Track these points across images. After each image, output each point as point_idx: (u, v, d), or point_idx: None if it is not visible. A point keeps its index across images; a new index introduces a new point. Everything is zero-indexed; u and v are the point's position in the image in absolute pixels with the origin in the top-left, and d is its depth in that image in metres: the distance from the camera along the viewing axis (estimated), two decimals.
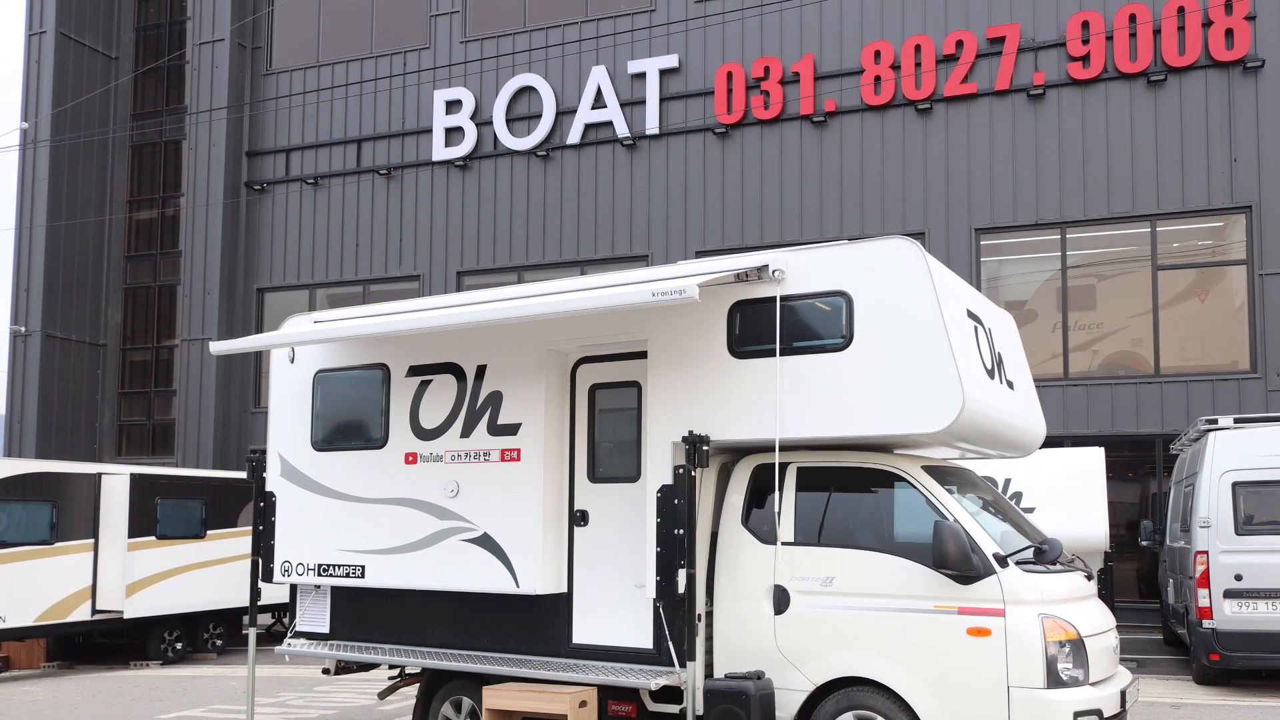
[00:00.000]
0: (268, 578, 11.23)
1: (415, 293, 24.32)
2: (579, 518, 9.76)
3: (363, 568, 10.45)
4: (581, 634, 9.61)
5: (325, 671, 11.18)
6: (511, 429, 9.80)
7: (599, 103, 22.97)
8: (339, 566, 10.63)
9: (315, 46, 25.66)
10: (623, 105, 22.75)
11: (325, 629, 10.92)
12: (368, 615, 10.68)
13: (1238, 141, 19.20)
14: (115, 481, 17.79)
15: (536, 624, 9.76)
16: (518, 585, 9.62)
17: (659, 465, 9.04)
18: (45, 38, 27.51)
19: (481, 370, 10.01)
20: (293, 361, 11.20)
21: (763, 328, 9.09)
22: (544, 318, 9.18)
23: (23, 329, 27.75)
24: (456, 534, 9.92)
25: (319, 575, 10.76)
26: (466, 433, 10.00)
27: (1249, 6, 19.28)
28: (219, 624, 19.25)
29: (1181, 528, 15.06)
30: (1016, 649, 7.68)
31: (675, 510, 8.90)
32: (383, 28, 25.09)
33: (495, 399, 9.92)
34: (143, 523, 17.77)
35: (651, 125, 22.61)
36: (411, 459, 10.20)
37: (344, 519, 10.63)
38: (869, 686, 8.25)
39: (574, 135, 23.07)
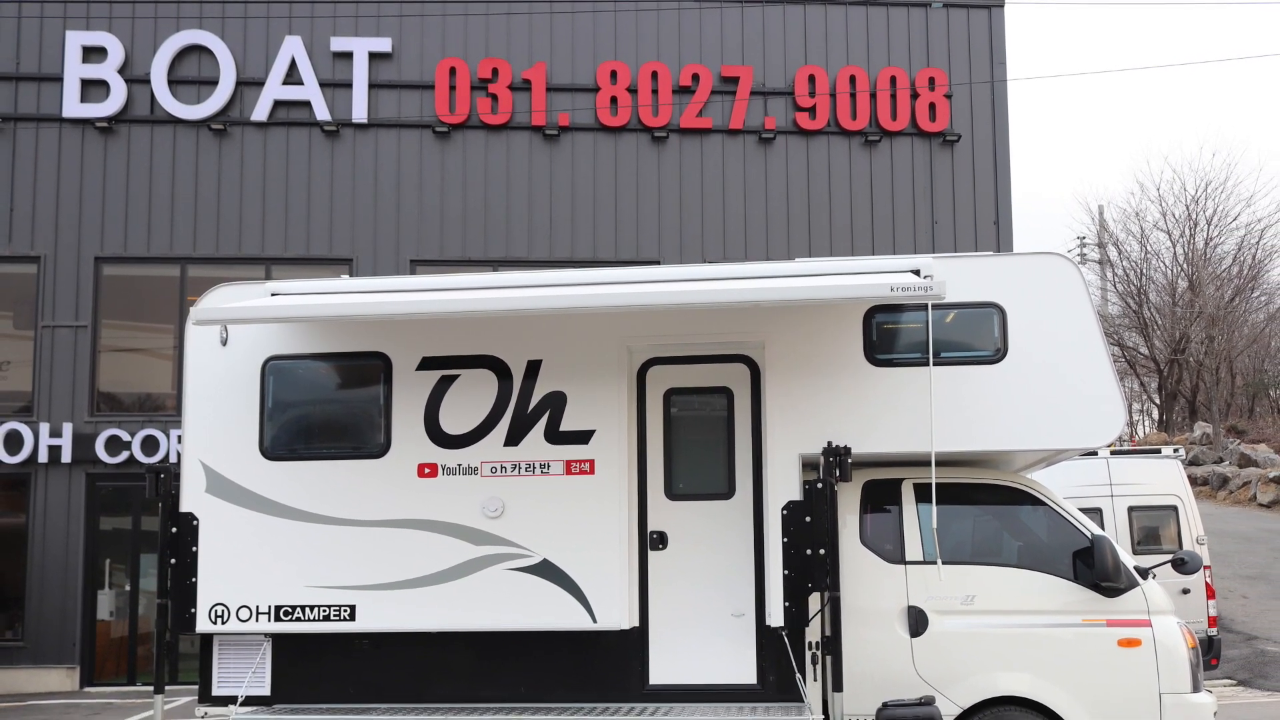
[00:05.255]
0: (185, 627, 8.78)
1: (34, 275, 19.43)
2: (655, 540, 8.76)
3: (352, 608, 8.61)
4: (660, 674, 8.52)
5: None
6: (581, 436, 8.58)
7: (293, 78, 19.58)
8: (312, 608, 8.63)
9: None
10: (323, 85, 19.56)
11: (265, 690, 8.81)
12: (339, 669, 8.76)
13: (937, 205, 20.41)
14: None
15: (600, 666, 8.51)
16: (594, 620, 8.38)
17: (782, 480, 8.36)
18: None
19: (535, 366, 8.69)
20: (225, 344, 8.94)
21: (906, 335, 8.60)
22: (722, 306, 8.42)
23: None
24: (501, 562, 8.51)
25: (275, 621, 8.66)
26: (514, 440, 8.65)
27: (947, 85, 20.38)
28: None
29: None
30: (1166, 657, 8.10)
31: (807, 529, 8.20)
32: None
33: (556, 401, 8.65)
34: None
35: (359, 113, 19.57)
36: (429, 471, 8.69)
37: (318, 547, 8.70)
38: (1018, 704, 8.17)
39: (260, 111, 19.47)
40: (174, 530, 8.88)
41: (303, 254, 19.81)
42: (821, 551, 8.14)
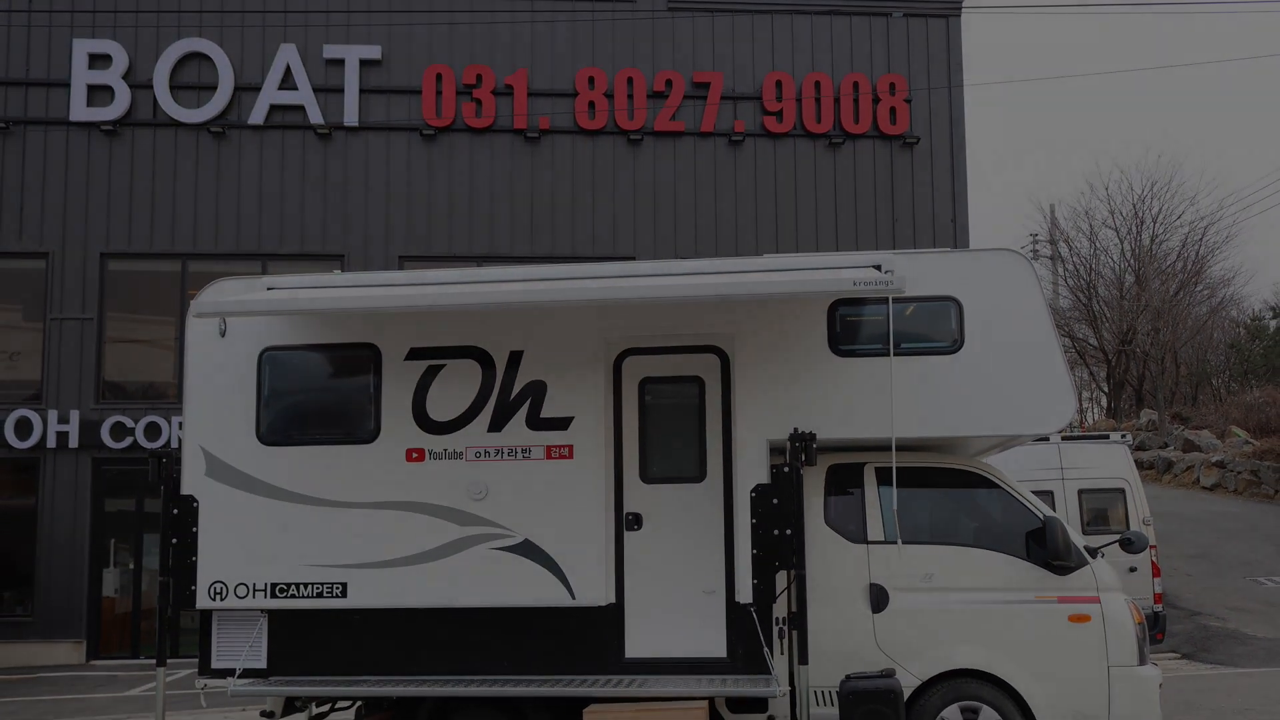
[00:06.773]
0: (186, 603, 8.75)
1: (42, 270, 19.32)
2: (631, 521, 8.70)
3: (344, 585, 8.59)
4: (635, 647, 8.48)
5: (266, 715, 8.87)
6: (561, 423, 8.55)
7: (288, 84, 19.51)
8: (306, 586, 8.62)
9: None
10: (316, 90, 19.51)
11: (261, 664, 8.75)
12: (331, 643, 8.69)
13: (898, 204, 20.57)
14: None
15: (578, 640, 8.46)
16: (573, 597, 8.37)
17: (750, 464, 8.36)
18: None
19: (516, 357, 8.65)
20: (223, 335, 8.90)
21: (867, 328, 8.57)
22: (694, 300, 8.44)
23: None
24: (485, 542, 8.49)
25: (271, 597, 8.63)
26: (497, 427, 8.60)
27: (906, 91, 20.53)
28: None
29: None
30: (1114, 632, 8.12)
31: (774, 511, 8.18)
32: None
33: (536, 390, 8.61)
34: None
35: (351, 117, 19.53)
36: (416, 456, 8.65)
37: (312, 527, 8.66)
38: (974, 677, 8.18)
39: (257, 115, 19.42)
40: (175, 512, 8.85)
41: (297, 250, 19.82)
42: (788, 532, 8.15)
